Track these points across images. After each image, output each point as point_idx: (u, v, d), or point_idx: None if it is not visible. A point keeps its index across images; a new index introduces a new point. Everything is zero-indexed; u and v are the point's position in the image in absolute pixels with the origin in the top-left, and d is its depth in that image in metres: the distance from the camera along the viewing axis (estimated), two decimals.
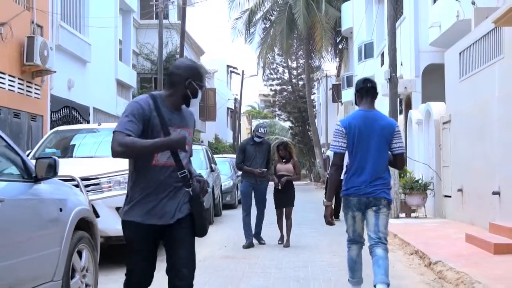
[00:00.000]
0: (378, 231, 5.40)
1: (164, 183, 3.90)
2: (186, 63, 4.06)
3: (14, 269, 4.38)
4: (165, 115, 3.89)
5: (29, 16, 13.88)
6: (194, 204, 3.97)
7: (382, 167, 5.49)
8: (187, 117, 4.06)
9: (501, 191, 10.16)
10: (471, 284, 6.40)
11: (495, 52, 10.60)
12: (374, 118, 5.52)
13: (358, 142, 5.47)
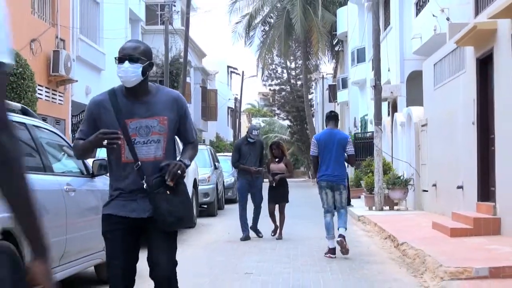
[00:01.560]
0: (340, 202, 9.14)
1: (134, 181, 3.85)
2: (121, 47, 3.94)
3: (85, 238, 6.18)
4: (122, 107, 3.82)
5: (53, 31, 15.65)
6: (150, 196, 3.81)
7: (340, 165, 9.09)
8: (159, 105, 3.88)
9: (463, 186, 11.92)
10: (424, 257, 8.17)
11: (460, 66, 12.35)
12: (335, 134, 9.11)
13: (324, 149, 8.91)
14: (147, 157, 3.84)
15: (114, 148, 3.83)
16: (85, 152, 4.00)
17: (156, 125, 3.85)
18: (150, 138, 3.85)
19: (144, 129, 3.85)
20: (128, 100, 3.85)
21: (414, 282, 7.32)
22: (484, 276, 6.97)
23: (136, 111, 3.84)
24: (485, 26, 10.00)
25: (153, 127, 3.85)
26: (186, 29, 26.14)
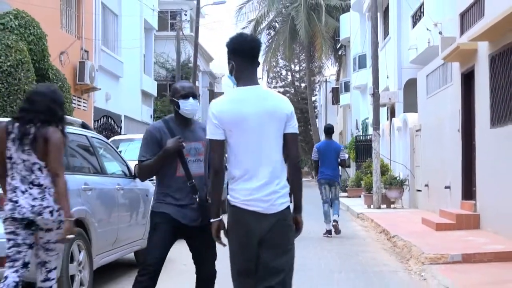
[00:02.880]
0: (335, 195, 12.10)
1: (185, 192, 4.59)
2: (173, 87, 4.86)
3: (129, 229, 7.63)
4: (177, 133, 4.61)
5: (79, 44, 17.11)
6: (201, 209, 4.57)
7: (335, 167, 12.21)
8: (198, 131, 4.70)
9: (451, 186, 13.32)
10: (410, 247, 9.59)
11: (448, 79, 13.76)
12: (331, 144, 12.18)
13: (323, 155, 11.76)
14: (198, 172, 4.64)
15: (171, 163, 4.59)
16: (155, 168, 4.64)
17: (201, 147, 4.66)
18: (199, 157, 4.66)
19: (193, 150, 4.65)
20: (179, 127, 4.67)
21: (400, 266, 8.75)
22: (458, 261, 8.41)
23: (187, 136, 4.62)
24: (467, 47, 11.41)
25: (199, 149, 4.66)
26: (195, 37, 27.60)
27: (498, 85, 10.27)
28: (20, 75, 9.72)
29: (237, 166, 3.70)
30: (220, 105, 3.73)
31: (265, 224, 3.68)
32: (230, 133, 3.68)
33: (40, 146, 4.48)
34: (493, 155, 10.59)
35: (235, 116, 3.67)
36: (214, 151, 3.69)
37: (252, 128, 3.68)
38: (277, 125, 3.75)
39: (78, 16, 17.20)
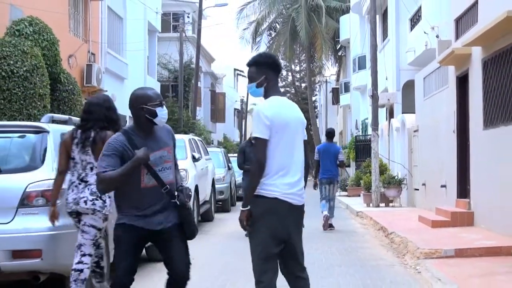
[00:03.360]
0: (333, 193, 13.20)
1: (152, 201, 4.49)
2: (135, 94, 4.56)
3: None
4: (138, 144, 4.40)
5: (86, 47, 17.60)
6: (181, 212, 4.57)
7: (335, 167, 13.11)
8: (163, 138, 4.58)
9: (446, 185, 13.81)
10: (406, 243, 10.09)
11: (444, 82, 14.25)
12: (331, 146, 13.06)
13: (324, 156, 12.68)
14: (166, 181, 4.51)
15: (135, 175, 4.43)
16: (121, 180, 4.38)
17: (166, 154, 4.56)
18: (164, 165, 4.52)
19: (158, 160, 4.50)
20: (141, 138, 4.47)
21: (397, 261, 9.24)
22: (451, 256, 8.91)
23: (150, 147, 4.45)
24: (461, 51, 11.90)
25: (165, 156, 4.55)
26: (198, 39, 28.10)
27: (491, 89, 10.76)
28: (35, 79, 10.23)
29: (274, 163, 4.28)
30: (271, 109, 4.33)
31: (295, 214, 4.41)
32: (275, 134, 4.28)
33: (98, 149, 5.17)
34: (486, 155, 11.08)
35: (283, 120, 4.33)
36: (262, 148, 4.26)
37: (291, 132, 4.37)
38: (302, 131, 4.53)
39: (85, 20, 17.70)
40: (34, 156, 6.21)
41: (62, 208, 5.90)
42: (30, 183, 5.90)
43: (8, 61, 9.98)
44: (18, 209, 5.86)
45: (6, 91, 9.96)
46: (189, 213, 4.63)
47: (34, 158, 6.19)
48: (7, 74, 9.95)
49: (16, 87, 10.00)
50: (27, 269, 5.93)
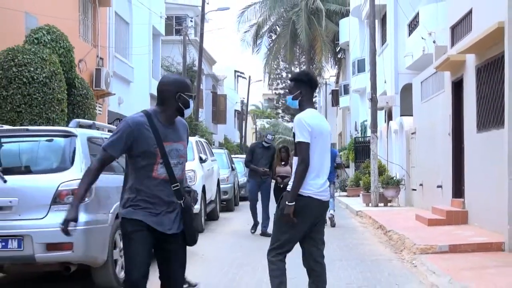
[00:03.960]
0: (332, 192, 13.53)
1: (163, 196, 4.17)
2: (173, 77, 4.29)
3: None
4: (160, 130, 4.13)
5: (95, 52, 18.20)
6: (185, 215, 4.26)
7: (331, 170, 12.50)
8: (180, 130, 4.31)
9: (442, 185, 14.43)
10: (404, 240, 10.70)
11: (440, 86, 14.86)
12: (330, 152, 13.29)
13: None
14: (178, 177, 4.24)
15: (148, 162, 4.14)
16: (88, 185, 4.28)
17: (182, 148, 4.28)
18: (179, 160, 4.25)
19: (174, 152, 4.22)
20: (162, 124, 4.18)
21: (394, 256, 9.86)
22: (445, 251, 9.53)
23: (169, 135, 4.19)
24: (456, 58, 12.51)
25: (180, 150, 4.26)
26: (200, 42, 28.71)
27: (483, 94, 11.37)
28: (54, 85, 10.83)
29: (311, 166, 5.11)
30: (312, 119, 5.14)
31: (322, 208, 5.31)
32: (314, 140, 5.09)
33: None
34: (479, 157, 11.69)
35: (319, 129, 5.15)
36: (306, 150, 5.05)
37: (324, 139, 5.21)
38: (330, 140, 5.39)
39: (94, 26, 18.30)
40: (64, 158, 6.81)
41: (91, 204, 6.52)
42: (62, 182, 6.50)
43: (28, 68, 10.58)
44: (51, 206, 6.46)
45: (27, 96, 10.56)
46: (193, 218, 4.35)
47: (64, 159, 6.80)
48: (27, 80, 10.55)
49: (36, 93, 10.60)
50: (59, 260, 6.54)
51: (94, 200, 6.69)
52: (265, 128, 59.71)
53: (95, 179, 4.26)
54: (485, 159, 11.31)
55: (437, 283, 7.43)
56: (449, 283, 7.27)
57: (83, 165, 6.66)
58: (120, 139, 4.08)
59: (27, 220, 6.42)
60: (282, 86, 58.19)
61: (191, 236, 4.30)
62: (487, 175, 11.14)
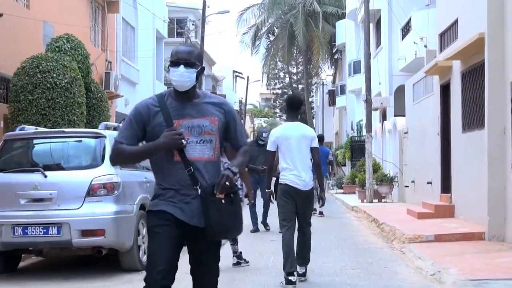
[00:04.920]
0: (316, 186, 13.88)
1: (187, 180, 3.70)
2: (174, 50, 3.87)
3: None
4: (173, 109, 3.75)
5: (104, 56, 19.19)
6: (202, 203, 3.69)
7: (325, 166, 14.92)
8: (205, 106, 3.83)
9: (432, 181, 15.45)
10: (394, 231, 11.72)
11: (430, 89, 15.88)
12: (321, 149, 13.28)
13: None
14: (200, 157, 3.74)
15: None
16: (136, 159, 4.09)
17: (208, 124, 3.79)
18: (203, 137, 3.77)
19: (196, 129, 3.77)
20: (178, 102, 3.79)
21: (386, 245, 10.88)
22: (431, 240, 10.55)
23: (187, 112, 3.78)
24: (444, 64, 13.52)
25: (205, 126, 3.78)
26: (201, 44, 29.67)
27: (467, 98, 12.39)
28: (74, 90, 11.82)
29: (283, 163, 7.22)
30: (277, 130, 7.42)
31: (301, 195, 7.20)
32: (280, 145, 7.20)
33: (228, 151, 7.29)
34: (464, 156, 12.71)
35: (285, 135, 7.22)
36: (269, 156, 7.31)
37: (290, 143, 7.16)
38: (306, 143, 7.25)
39: (103, 31, 19.30)
40: (96, 156, 7.83)
41: (120, 197, 7.54)
42: (94, 177, 7.53)
43: (51, 74, 11.57)
44: (85, 198, 7.47)
45: (51, 100, 11.55)
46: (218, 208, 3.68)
47: (95, 158, 7.82)
48: (51, 86, 11.54)
49: (58, 97, 11.59)
50: (93, 245, 7.57)
51: (122, 193, 7.70)
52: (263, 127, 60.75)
53: None
54: (469, 157, 12.31)
55: (421, 266, 8.44)
56: (432, 265, 8.28)
57: None
58: (130, 124, 3.77)
59: (65, 210, 7.45)
60: (279, 86, 59.25)
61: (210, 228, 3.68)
62: (471, 172, 12.14)
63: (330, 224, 14.41)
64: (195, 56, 3.79)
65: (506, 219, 10.20)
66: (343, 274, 7.99)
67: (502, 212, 10.30)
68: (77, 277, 7.84)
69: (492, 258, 8.78)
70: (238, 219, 3.85)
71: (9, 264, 8.25)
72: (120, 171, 7.78)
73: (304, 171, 7.14)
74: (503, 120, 10.30)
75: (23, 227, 7.42)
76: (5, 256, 8.06)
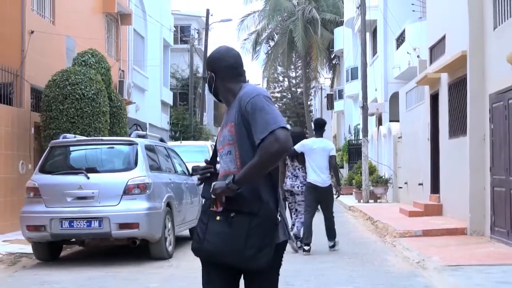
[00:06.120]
0: None
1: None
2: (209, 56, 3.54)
3: (191, 211, 11.06)
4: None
5: (117, 65, 20.51)
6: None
7: None
8: (232, 109, 3.35)
9: (423, 183, 16.79)
10: (387, 227, 13.05)
11: (421, 97, 17.22)
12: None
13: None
14: (226, 171, 3.34)
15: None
16: None
17: (227, 134, 3.35)
18: (225, 149, 3.35)
19: (221, 141, 3.42)
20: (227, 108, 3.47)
21: (379, 239, 12.21)
22: (419, 235, 11.88)
23: (224, 121, 3.44)
24: (433, 76, 14.85)
25: (226, 137, 3.36)
26: (204, 52, 31.09)
27: (453, 107, 13.73)
28: (100, 100, 13.15)
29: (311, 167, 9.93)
30: (306, 142, 10.21)
31: (321, 191, 9.97)
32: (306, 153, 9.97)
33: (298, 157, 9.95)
34: (450, 159, 14.03)
35: (310, 147, 10.03)
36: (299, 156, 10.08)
37: (314, 153, 9.96)
38: (326, 152, 10.05)
39: (117, 42, 20.64)
40: (130, 160, 9.17)
41: (151, 195, 8.87)
42: (130, 179, 8.86)
43: (80, 86, 12.89)
44: (122, 196, 8.81)
45: (79, 109, 12.86)
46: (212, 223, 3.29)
47: (129, 162, 9.16)
48: (79, 97, 12.86)
49: (86, 107, 12.91)
50: (129, 236, 8.90)
51: (152, 193, 9.04)
52: None
53: None
54: (455, 161, 13.64)
55: (409, 256, 9.77)
56: (417, 255, 9.61)
57: (144, 166, 9.02)
58: None
59: (105, 207, 8.78)
60: (279, 90, 60.53)
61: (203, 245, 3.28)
62: (456, 175, 13.46)
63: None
64: (207, 65, 3.57)
65: (485, 216, 11.53)
66: (341, 261, 9.33)
67: (481, 210, 11.63)
68: (113, 264, 9.16)
69: (471, 249, 10.13)
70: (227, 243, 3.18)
71: (53, 253, 9.57)
72: (151, 174, 9.13)
73: (322, 173, 9.94)
74: (483, 128, 11.64)
75: (70, 221, 8.76)
76: (50, 247, 9.40)
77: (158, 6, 26.96)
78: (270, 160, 3.18)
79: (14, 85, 13.37)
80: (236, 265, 3.23)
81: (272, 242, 3.23)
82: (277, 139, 3.13)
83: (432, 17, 16.11)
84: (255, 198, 3.27)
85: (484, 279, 7.52)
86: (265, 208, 3.25)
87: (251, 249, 3.17)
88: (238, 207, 3.20)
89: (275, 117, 3.22)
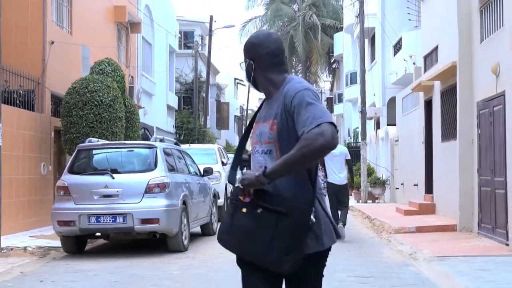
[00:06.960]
0: None
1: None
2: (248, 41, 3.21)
3: (203, 209, 12.04)
4: (262, 109, 3.19)
5: (127, 71, 21.50)
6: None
7: None
8: (274, 103, 3.07)
9: (418, 184, 17.77)
10: (384, 224, 14.04)
11: (416, 103, 18.22)
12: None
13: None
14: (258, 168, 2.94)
15: None
16: None
17: (267, 131, 3.08)
18: (263, 147, 3.10)
19: (258, 137, 3.14)
20: (266, 100, 3.20)
21: (376, 235, 13.20)
22: (413, 232, 12.87)
23: (262, 114, 3.17)
24: (427, 83, 15.85)
25: (265, 134, 3.09)
26: (208, 57, 32.09)
27: (445, 113, 14.72)
28: (116, 106, 14.14)
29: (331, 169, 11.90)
30: None
31: (338, 188, 12.05)
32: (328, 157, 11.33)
33: None
34: (443, 161, 15.02)
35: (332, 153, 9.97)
36: None
37: (336, 156, 11.81)
38: (343, 156, 12.16)
39: (127, 50, 21.64)
40: (150, 162, 10.16)
41: (169, 193, 9.86)
42: (151, 178, 9.84)
43: (98, 94, 13.89)
44: (144, 194, 9.80)
45: (97, 115, 13.86)
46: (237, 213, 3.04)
47: (150, 164, 10.15)
48: (98, 103, 13.86)
49: (104, 112, 13.90)
50: (150, 230, 9.89)
51: (170, 191, 10.03)
52: None
53: None
54: (446, 163, 14.62)
55: (402, 249, 10.77)
56: (410, 248, 10.59)
57: (163, 167, 10.02)
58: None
59: (129, 204, 9.77)
60: None
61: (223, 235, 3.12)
62: (448, 176, 14.44)
63: None
64: (244, 52, 3.21)
65: (474, 214, 12.53)
66: (341, 254, 10.30)
67: (470, 208, 12.63)
68: (134, 256, 10.15)
69: (459, 243, 11.12)
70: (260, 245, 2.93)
71: (79, 246, 10.56)
72: (169, 174, 10.12)
73: (340, 173, 11.96)
74: (471, 133, 12.64)
75: (96, 216, 9.75)
76: (77, 240, 10.39)
77: (164, 13, 27.99)
78: (311, 155, 2.82)
79: (36, 92, 14.37)
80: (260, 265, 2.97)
81: (301, 247, 2.94)
82: (323, 133, 2.80)
83: (426, 27, 17.11)
84: (286, 195, 2.96)
85: (466, 267, 8.51)
86: (297, 208, 2.92)
87: (274, 253, 2.90)
88: (266, 203, 2.91)
89: (324, 112, 2.92)
